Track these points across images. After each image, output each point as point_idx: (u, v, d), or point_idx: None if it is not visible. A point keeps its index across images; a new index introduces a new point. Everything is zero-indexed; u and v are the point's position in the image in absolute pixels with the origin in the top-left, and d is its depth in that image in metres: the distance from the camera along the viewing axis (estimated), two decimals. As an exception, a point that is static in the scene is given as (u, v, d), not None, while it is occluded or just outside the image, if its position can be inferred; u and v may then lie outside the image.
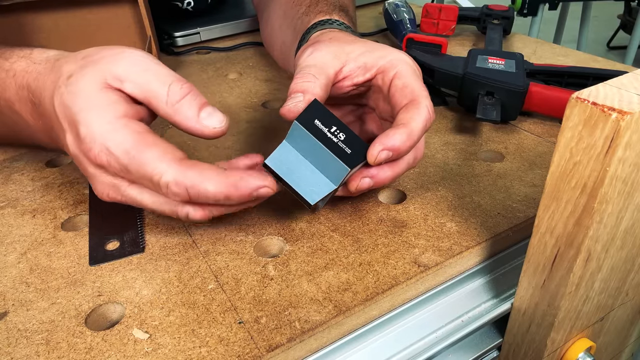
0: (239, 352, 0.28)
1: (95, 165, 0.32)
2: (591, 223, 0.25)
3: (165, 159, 0.30)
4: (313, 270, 0.33)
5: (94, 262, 0.34)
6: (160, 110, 0.32)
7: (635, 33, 1.80)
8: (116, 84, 0.32)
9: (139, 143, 0.30)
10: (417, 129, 0.34)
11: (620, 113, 0.22)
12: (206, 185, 0.30)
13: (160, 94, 0.32)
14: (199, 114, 0.32)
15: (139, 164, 0.30)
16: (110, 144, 0.30)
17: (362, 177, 0.34)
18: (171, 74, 0.33)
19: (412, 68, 0.37)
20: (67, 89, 0.32)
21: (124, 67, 0.32)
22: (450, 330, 0.33)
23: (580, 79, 0.52)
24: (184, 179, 0.30)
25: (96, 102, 0.31)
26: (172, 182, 0.30)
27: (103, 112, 0.31)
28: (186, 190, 0.30)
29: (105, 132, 0.30)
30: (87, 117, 0.31)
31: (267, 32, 0.64)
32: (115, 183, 0.32)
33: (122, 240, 0.36)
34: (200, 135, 0.33)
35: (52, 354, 0.28)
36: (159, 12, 0.73)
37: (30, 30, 0.61)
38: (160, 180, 0.30)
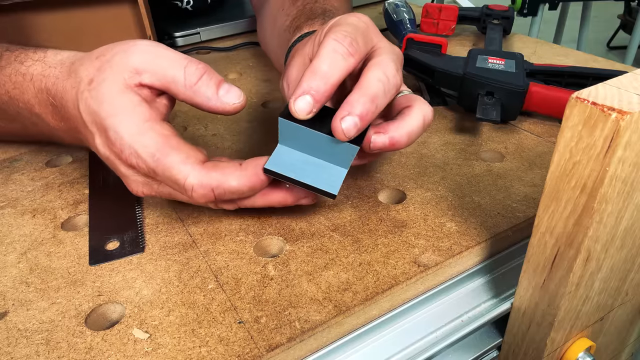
0: (239, 352, 0.28)
1: (127, 165, 0.33)
2: (591, 223, 0.25)
3: (189, 162, 0.31)
4: (313, 270, 0.33)
5: (94, 262, 0.34)
6: (180, 95, 0.33)
7: (635, 33, 1.80)
8: (135, 79, 0.33)
9: (164, 146, 0.32)
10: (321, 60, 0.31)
11: (620, 113, 0.22)
12: (230, 181, 0.32)
13: (177, 78, 0.33)
14: (218, 92, 0.33)
15: (165, 167, 0.31)
16: (137, 146, 0.31)
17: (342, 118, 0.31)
18: (183, 57, 0.33)
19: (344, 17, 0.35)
20: (91, 94, 0.33)
21: (138, 59, 0.33)
22: (450, 330, 0.33)
23: (580, 79, 0.52)
24: (209, 180, 0.31)
25: (121, 107, 0.32)
26: (197, 185, 0.31)
27: (129, 116, 0.32)
28: (212, 191, 0.32)
29: (133, 135, 0.32)
30: (115, 122, 0.32)
31: (261, 36, 0.65)
32: (148, 181, 0.34)
33: (122, 240, 0.36)
34: (222, 112, 0.33)
35: (52, 354, 0.28)
36: (159, 12, 0.73)
37: (30, 30, 0.61)
38: (185, 183, 0.31)
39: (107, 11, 0.64)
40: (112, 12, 0.64)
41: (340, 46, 0.32)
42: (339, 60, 0.31)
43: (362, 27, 0.34)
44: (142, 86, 0.33)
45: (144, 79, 0.33)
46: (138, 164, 0.32)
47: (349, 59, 0.32)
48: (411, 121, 0.35)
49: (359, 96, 0.31)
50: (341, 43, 0.32)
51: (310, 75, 0.31)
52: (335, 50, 0.31)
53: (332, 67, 0.31)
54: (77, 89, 0.33)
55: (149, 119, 0.32)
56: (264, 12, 0.63)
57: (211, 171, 0.32)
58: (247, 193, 0.33)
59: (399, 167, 0.43)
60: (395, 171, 0.43)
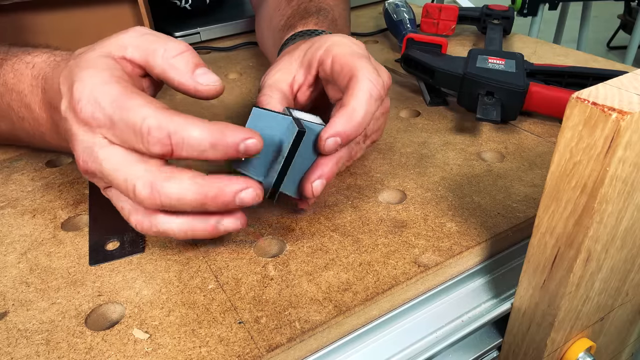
0: (239, 352, 0.28)
1: (79, 120, 0.30)
2: (591, 223, 0.25)
3: (151, 106, 0.29)
4: (313, 270, 0.33)
5: (94, 262, 0.34)
6: (156, 66, 0.32)
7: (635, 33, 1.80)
8: (120, 51, 0.32)
9: (126, 92, 0.29)
10: (359, 105, 0.33)
11: (620, 113, 0.22)
12: (190, 130, 0.28)
13: (157, 50, 0.32)
14: (194, 71, 0.32)
15: (123, 110, 0.29)
16: (97, 93, 0.29)
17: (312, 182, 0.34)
18: (170, 38, 0.33)
19: (348, 46, 0.37)
20: (74, 60, 0.32)
21: (127, 37, 0.33)
22: (450, 330, 0.33)
23: (580, 79, 0.52)
24: (168, 123, 0.28)
25: (95, 65, 0.31)
26: (155, 126, 0.28)
27: (100, 71, 0.31)
28: (169, 137, 0.28)
29: (97, 84, 0.30)
30: (84, 74, 0.30)
31: (259, 35, 0.66)
32: (93, 142, 0.30)
33: (122, 240, 0.36)
34: (194, 92, 0.32)
35: (52, 354, 0.28)
36: (159, 12, 0.73)
37: (30, 30, 0.61)
38: (142, 124, 0.28)
39: (107, 11, 0.64)
40: (112, 12, 0.64)
41: (375, 90, 0.34)
42: (372, 106, 0.34)
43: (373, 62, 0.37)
44: (126, 60, 0.32)
45: (127, 53, 0.32)
46: (93, 113, 0.29)
47: (379, 101, 0.35)
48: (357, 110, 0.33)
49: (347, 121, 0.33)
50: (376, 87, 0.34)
51: (347, 121, 0.33)
52: (371, 96, 0.34)
53: (366, 115, 0.34)
54: (67, 63, 0.33)
55: (121, 78, 0.31)
56: (261, 12, 0.63)
57: (173, 116, 0.29)
58: (209, 152, 0.29)
59: (399, 167, 0.43)
60: (395, 171, 0.43)
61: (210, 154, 0.29)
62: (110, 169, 0.30)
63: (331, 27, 0.49)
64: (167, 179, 0.29)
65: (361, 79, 0.34)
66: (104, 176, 0.30)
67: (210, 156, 0.29)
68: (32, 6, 0.59)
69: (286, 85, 0.38)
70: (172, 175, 0.29)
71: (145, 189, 0.29)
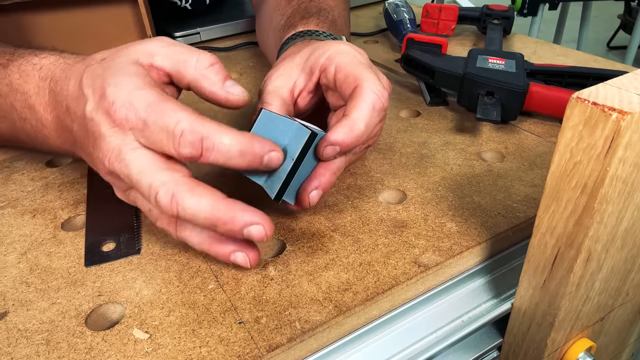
0: (239, 352, 0.28)
1: (112, 121, 0.31)
2: (591, 223, 0.25)
3: (185, 111, 0.30)
4: (313, 270, 0.33)
5: (89, 264, 0.34)
6: (188, 76, 0.33)
7: (635, 33, 1.80)
8: (147, 59, 0.33)
9: (162, 98, 0.31)
10: (362, 117, 0.34)
11: (620, 113, 0.22)
12: (222, 137, 0.30)
13: (189, 60, 0.33)
14: (225, 82, 0.33)
15: (158, 113, 0.30)
16: (133, 97, 0.30)
17: (309, 193, 0.35)
18: (199, 50, 0.34)
19: (353, 55, 0.37)
20: (101, 64, 0.33)
21: (154, 45, 0.34)
22: (451, 330, 0.33)
23: (581, 79, 0.52)
24: (201, 128, 0.29)
25: (127, 71, 0.32)
26: (188, 130, 0.29)
27: (133, 77, 0.32)
28: (201, 141, 0.29)
29: (132, 89, 0.31)
30: (117, 79, 0.31)
31: (259, 35, 0.66)
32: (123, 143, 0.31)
33: (119, 241, 0.36)
34: (224, 102, 0.34)
35: (52, 354, 0.28)
36: (159, 12, 0.73)
37: (30, 30, 0.61)
38: (176, 127, 0.29)
39: (107, 11, 0.64)
40: (112, 12, 0.64)
41: (379, 103, 0.35)
42: (375, 118, 0.35)
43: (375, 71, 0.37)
44: (153, 67, 0.33)
45: (156, 60, 0.33)
46: (127, 115, 0.30)
47: (382, 113, 0.35)
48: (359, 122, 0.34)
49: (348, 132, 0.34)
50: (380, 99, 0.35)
51: (348, 131, 0.34)
52: (374, 108, 0.34)
53: (368, 127, 0.34)
54: (87, 65, 0.33)
55: (154, 85, 0.32)
56: (262, 12, 0.63)
57: (206, 121, 0.30)
58: (235, 159, 0.30)
59: (399, 168, 0.43)
60: (395, 171, 0.43)
61: (235, 161, 0.30)
62: (136, 172, 0.30)
63: (331, 27, 0.49)
64: (188, 191, 0.30)
65: (366, 90, 0.34)
66: (128, 178, 0.31)
67: (234, 164, 0.30)
68: (32, 6, 0.59)
69: (287, 90, 0.38)
70: (193, 189, 0.30)
71: (166, 197, 0.29)
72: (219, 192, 0.30)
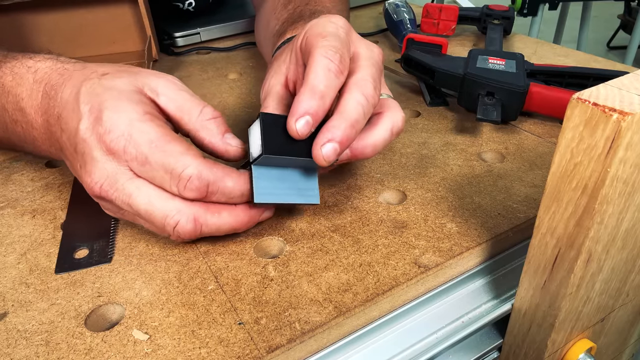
0: (239, 353, 0.28)
1: (106, 149, 0.31)
2: (592, 224, 0.25)
3: (190, 153, 0.31)
4: (313, 271, 0.33)
5: (59, 270, 0.33)
6: (189, 125, 0.34)
7: (635, 33, 1.80)
8: (152, 94, 0.34)
9: (165, 135, 0.31)
10: (318, 79, 0.31)
11: (621, 114, 0.22)
12: (227, 180, 0.31)
13: (193, 110, 0.34)
14: (224, 134, 0.34)
15: (163, 154, 0.30)
16: (134, 131, 0.31)
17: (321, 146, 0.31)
18: (204, 102, 0.35)
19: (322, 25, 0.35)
20: (101, 81, 0.33)
21: (161, 84, 0.34)
22: (451, 331, 0.33)
23: (581, 79, 0.51)
24: (208, 174, 0.31)
25: (128, 97, 0.32)
26: (195, 176, 0.30)
27: (134, 105, 0.32)
28: (207, 187, 0.31)
29: (133, 120, 0.31)
30: (117, 105, 0.31)
31: (257, 38, 0.66)
32: (118, 172, 0.31)
33: (92, 248, 0.35)
34: (223, 153, 0.34)
35: (51, 355, 0.28)
36: (159, 12, 0.73)
37: (30, 30, 0.61)
38: (183, 172, 0.30)
39: (107, 11, 0.64)
40: (112, 12, 0.64)
41: (332, 65, 0.32)
42: (332, 80, 0.32)
43: (344, 37, 0.34)
44: (155, 104, 0.34)
45: (160, 100, 0.34)
46: (126, 148, 0.30)
47: (340, 77, 0.32)
48: (378, 133, 0.35)
49: (340, 122, 0.31)
50: (333, 61, 0.32)
51: (309, 96, 0.31)
52: (329, 69, 0.32)
53: (328, 87, 0.31)
54: (86, 77, 0.33)
55: (155, 117, 0.32)
56: (260, 14, 0.63)
57: (212, 166, 0.31)
58: (236, 199, 0.33)
59: (400, 168, 0.43)
60: (395, 172, 0.43)
61: (236, 200, 0.33)
62: (144, 203, 0.31)
63: None
64: (208, 212, 0.32)
65: (317, 55, 0.32)
66: (131, 208, 0.32)
67: (234, 202, 0.33)
68: (32, 6, 0.59)
69: (280, 87, 0.38)
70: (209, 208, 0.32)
71: (189, 224, 0.31)
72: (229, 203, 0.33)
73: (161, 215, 0.31)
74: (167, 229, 0.31)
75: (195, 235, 0.32)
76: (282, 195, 0.33)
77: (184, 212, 0.31)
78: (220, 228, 0.33)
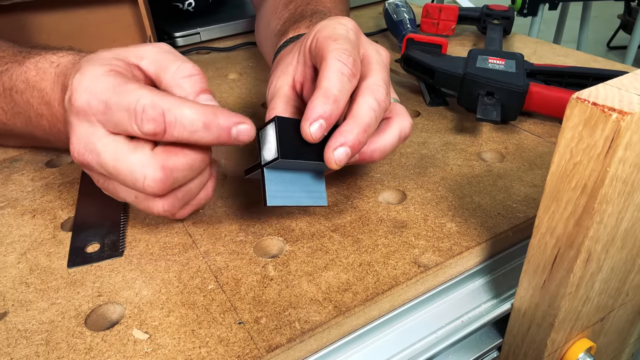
0: (239, 353, 0.28)
1: (73, 109, 0.31)
2: (591, 223, 0.25)
3: (145, 88, 0.30)
4: (313, 270, 0.33)
5: (71, 265, 0.34)
6: (164, 82, 0.33)
7: (635, 33, 1.80)
8: (136, 60, 0.33)
9: (123, 80, 0.30)
10: (331, 84, 0.31)
11: (620, 113, 0.22)
12: (184, 110, 0.29)
13: (169, 67, 0.33)
14: (199, 94, 0.32)
15: (119, 94, 0.29)
16: (96, 82, 0.30)
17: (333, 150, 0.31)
18: (187, 60, 0.33)
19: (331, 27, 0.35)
20: (87, 57, 0.33)
21: (147, 49, 0.34)
22: (450, 330, 0.33)
23: (581, 79, 0.51)
24: (162, 102, 0.29)
25: (101, 62, 0.31)
26: (149, 105, 0.29)
27: (102, 66, 0.31)
28: (162, 115, 0.29)
29: (96, 75, 0.30)
30: (87, 67, 0.31)
31: (257, 38, 0.66)
32: (89, 132, 0.31)
33: (103, 242, 0.35)
34: None
35: (51, 355, 0.28)
36: (159, 12, 0.73)
37: (31, 30, 0.61)
38: (137, 103, 0.29)
39: (107, 11, 0.64)
40: (112, 12, 0.64)
41: (346, 68, 0.32)
42: (345, 84, 0.32)
43: (354, 40, 0.34)
44: (139, 69, 0.33)
45: (142, 63, 0.33)
46: (89, 101, 0.30)
47: (353, 80, 0.32)
48: (386, 137, 0.35)
49: (353, 127, 0.31)
50: (346, 64, 0.32)
51: (323, 100, 0.31)
52: (342, 73, 0.32)
53: (342, 91, 0.31)
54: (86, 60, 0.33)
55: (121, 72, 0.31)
56: (261, 13, 0.63)
57: (167, 95, 0.30)
58: (200, 132, 0.30)
59: (399, 168, 0.43)
60: (395, 171, 0.43)
61: (200, 135, 0.30)
62: (110, 159, 0.30)
63: None
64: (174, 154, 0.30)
65: (330, 59, 0.32)
66: (103, 168, 0.31)
67: (200, 138, 0.30)
68: (32, 6, 0.59)
69: (288, 88, 0.37)
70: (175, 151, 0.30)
71: (157, 172, 0.30)
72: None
73: (128, 171, 0.30)
74: (138, 186, 0.30)
75: (169, 184, 0.30)
76: (292, 198, 0.34)
77: (149, 162, 0.30)
78: (193, 165, 0.31)
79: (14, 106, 0.40)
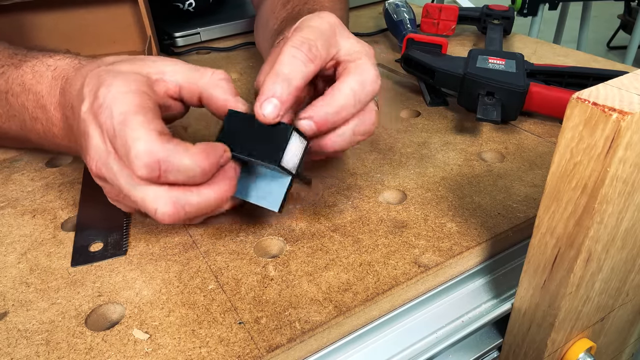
0: (239, 353, 0.28)
1: (97, 123, 0.31)
2: (591, 223, 0.25)
3: (146, 127, 0.29)
4: (313, 270, 0.33)
5: (75, 264, 0.34)
6: (202, 83, 0.34)
7: (635, 33, 1.80)
8: (158, 75, 0.34)
9: (139, 104, 0.30)
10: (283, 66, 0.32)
11: (620, 113, 0.22)
12: (182, 157, 0.29)
13: (205, 72, 0.34)
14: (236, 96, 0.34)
15: (125, 124, 0.29)
16: (116, 101, 0.30)
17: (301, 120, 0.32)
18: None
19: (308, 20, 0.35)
20: (106, 68, 0.33)
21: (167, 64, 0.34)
22: (451, 330, 0.33)
23: (581, 79, 0.51)
24: (158, 150, 0.29)
25: (125, 77, 0.32)
26: (144, 151, 0.28)
27: (128, 81, 0.31)
28: (158, 163, 0.29)
29: (120, 92, 0.30)
30: (112, 81, 0.31)
31: (256, 38, 0.66)
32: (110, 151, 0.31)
33: (106, 241, 0.35)
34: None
35: (52, 355, 0.28)
36: (159, 12, 0.73)
37: (30, 30, 0.61)
38: (132, 146, 0.28)
39: (107, 11, 0.64)
40: (112, 12, 0.64)
41: (299, 52, 0.32)
42: (298, 65, 0.32)
43: (326, 29, 0.34)
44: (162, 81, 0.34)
45: (166, 76, 0.34)
46: (105, 120, 0.30)
47: (309, 64, 0.32)
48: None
49: (323, 105, 0.32)
50: (299, 49, 0.32)
51: (273, 79, 0.31)
52: (295, 56, 0.32)
53: (293, 71, 0.32)
54: (96, 66, 0.33)
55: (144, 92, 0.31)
56: (260, 13, 0.63)
57: (165, 142, 0.29)
58: (198, 178, 0.30)
59: (400, 168, 0.43)
60: (395, 171, 0.43)
61: (198, 180, 0.30)
62: (124, 184, 0.30)
63: None
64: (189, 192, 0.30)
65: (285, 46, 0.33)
66: (118, 189, 0.31)
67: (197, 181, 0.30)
68: (32, 6, 0.59)
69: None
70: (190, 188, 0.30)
71: (168, 207, 0.30)
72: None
73: (140, 199, 0.30)
74: (150, 213, 0.30)
75: (180, 218, 0.30)
76: (246, 194, 0.34)
77: (162, 196, 0.30)
78: (209, 204, 0.31)
79: (9, 109, 0.40)
